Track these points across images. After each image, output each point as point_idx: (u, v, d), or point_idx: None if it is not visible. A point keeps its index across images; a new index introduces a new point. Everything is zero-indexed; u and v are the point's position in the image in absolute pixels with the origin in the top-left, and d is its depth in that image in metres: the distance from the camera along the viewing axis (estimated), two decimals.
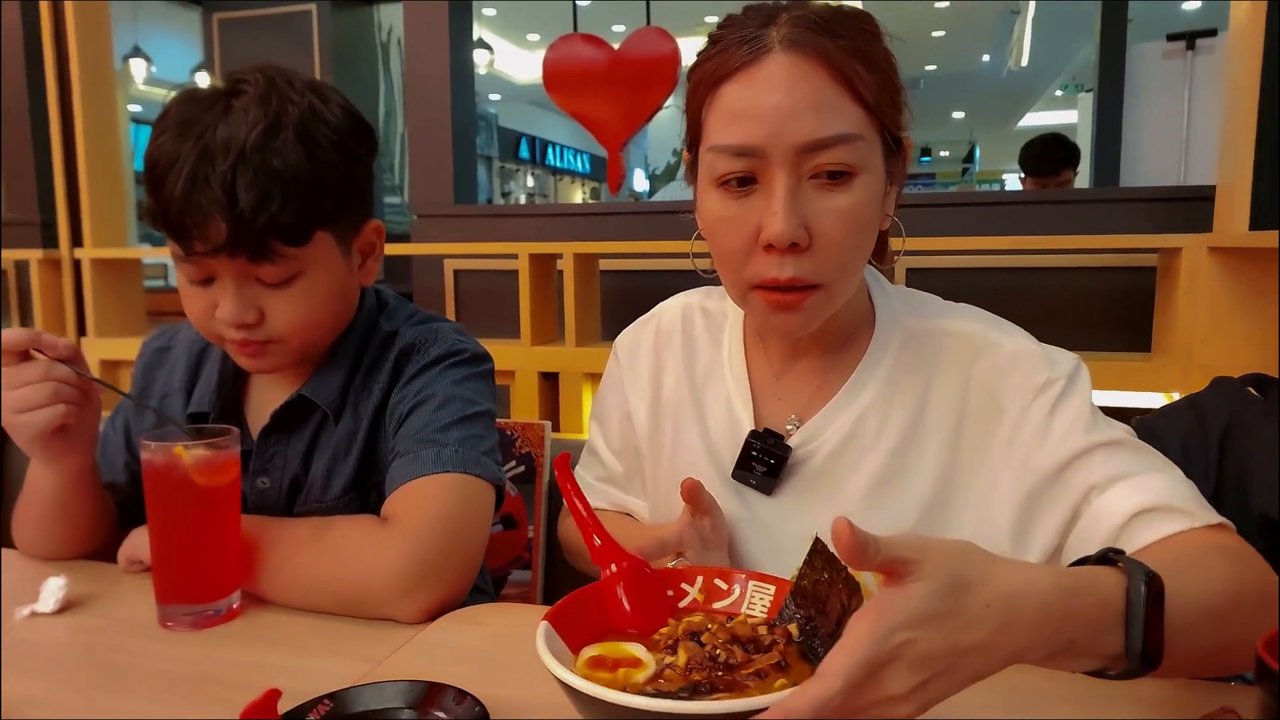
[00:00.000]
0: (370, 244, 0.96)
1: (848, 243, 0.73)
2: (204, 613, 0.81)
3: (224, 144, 0.80)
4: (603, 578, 0.65)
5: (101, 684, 0.71)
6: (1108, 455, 0.72)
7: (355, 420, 0.96)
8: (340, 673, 0.71)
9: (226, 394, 0.98)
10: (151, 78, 6.92)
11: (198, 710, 0.66)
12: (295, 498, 0.97)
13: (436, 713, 0.61)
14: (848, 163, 0.71)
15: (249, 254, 0.82)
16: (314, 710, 0.60)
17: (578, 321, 2.60)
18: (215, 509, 0.82)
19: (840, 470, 0.81)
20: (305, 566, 0.84)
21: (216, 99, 0.84)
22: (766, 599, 0.63)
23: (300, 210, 0.83)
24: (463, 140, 3.50)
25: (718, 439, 0.87)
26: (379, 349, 0.98)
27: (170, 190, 0.81)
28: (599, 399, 0.99)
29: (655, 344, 0.94)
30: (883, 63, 0.74)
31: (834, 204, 0.72)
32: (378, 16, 5.85)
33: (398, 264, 4.71)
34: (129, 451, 1.03)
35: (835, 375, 0.84)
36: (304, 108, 0.85)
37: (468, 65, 3.63)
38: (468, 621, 0.81)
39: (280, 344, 0.89)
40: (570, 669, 0.52)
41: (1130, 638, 0.49)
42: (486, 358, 1.00)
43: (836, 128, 0.70)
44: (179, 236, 0.83)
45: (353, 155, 0.89)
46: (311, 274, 0.87)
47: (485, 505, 0.89)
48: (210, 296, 0.86)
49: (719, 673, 0.53)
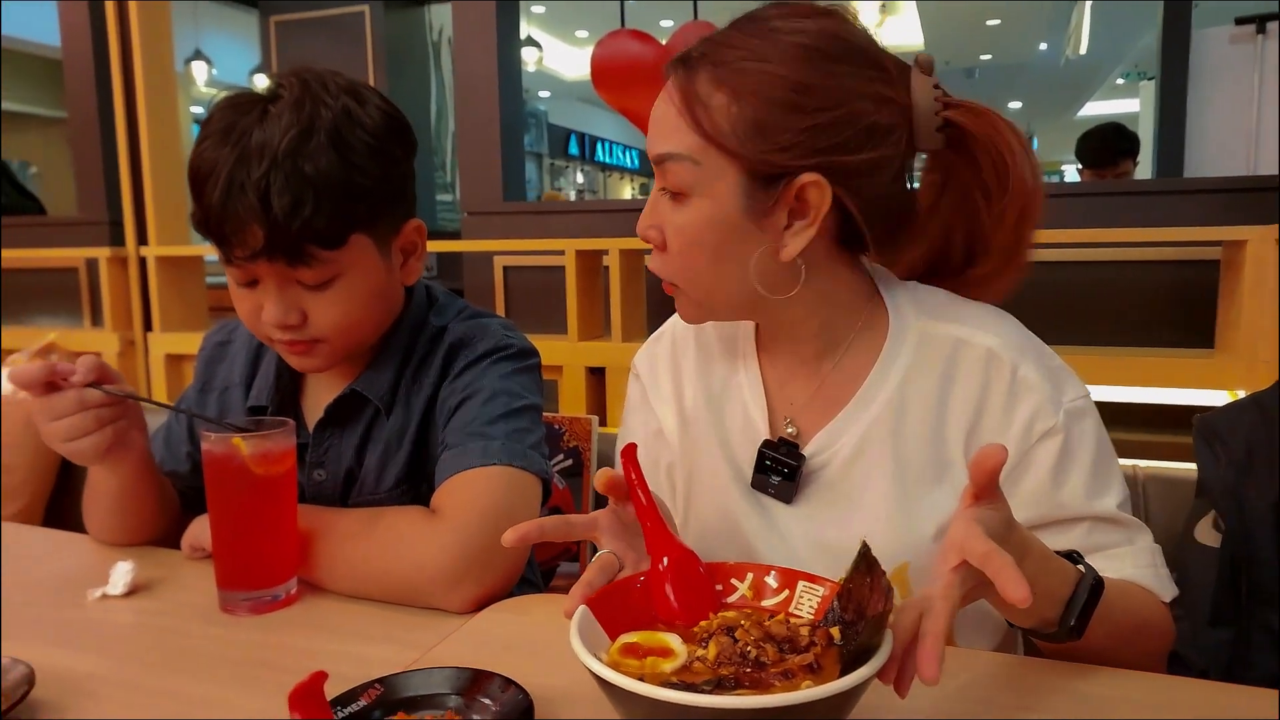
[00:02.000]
0: (412, 243, 0.97)
1: (685, 255, 0.77)
2: (262, 598, 0.84)
3: (258, 150, 0.82)
4: (651, 568, 0.65)
5: (164, 664, 0.74)
6: (1090, 530, 0.76)
7: (407, 414, 0.98)
8: (390, 658, 0.73)
9: (284, 388, 1.01)
10: (212, 80, 7.11)
11: (253, 692, 0.69)
12: (350, 490, 0.99)
13: (483, 699, 0.63)
14: (678, 182, 0.75)
15: (286, 258, 0.84)
16: (365, 694, 0.62)
17: (624, 316, 2.62)
18: (272, 498, 0.84)
19: (858, 477, 0.80)
20: (356, 556, 0.86)
21: (254, 105, 0.85)
22: (815, 600, 0.62)
23: (333, 214, 0.84)
24: (511, 138, 3.53)
25: (737, 448, 0.86)
26: (429, 344, 1.00)
27: (210, 197, 0.83)
28: (624, 429, 0.98)
29: (672, 356, 0.93)
30: (758, 96, 0.72)
31: (672, 217, 0.77)
32: (429, 16, 5.93)
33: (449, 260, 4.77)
34: (191, 442, 1.06)
35: (845, 379, 0.83)
36: (338, 111, 0.86)
37: (516, 63, 3.66)
38: (515, 611, 0.83)
39: (325, 344, 0.91)
40: (603, 653, 0.53)
41: (1067, 613, 0.63)
42: (533, 352, 1.02)
43: (666, 147, 0.75)
44: (220, 242, 0.85)
45: (388, 157, 0.89)
46: (350, 275, 0.88)
47: (532, 497, 0.90)
48: (256, 298, 0.88)
49: (747, 669, 0.53)
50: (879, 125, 0.73)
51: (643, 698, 0.48)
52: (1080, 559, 0.66)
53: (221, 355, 1.08)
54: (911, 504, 0.78)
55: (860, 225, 0.76)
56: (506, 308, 3.28)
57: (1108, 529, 0.76)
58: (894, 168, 0.76)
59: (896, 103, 0.75)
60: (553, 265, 2.95)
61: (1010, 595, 0.50)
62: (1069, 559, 0.66)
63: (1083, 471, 0.75)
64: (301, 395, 1.03)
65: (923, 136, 0.77)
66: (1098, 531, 0.76)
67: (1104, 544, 0.76)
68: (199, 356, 1.11)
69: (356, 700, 0.61)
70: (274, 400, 1.00)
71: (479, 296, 3.31)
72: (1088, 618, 0.64)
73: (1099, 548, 0.75)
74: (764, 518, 0.83)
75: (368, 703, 0.62)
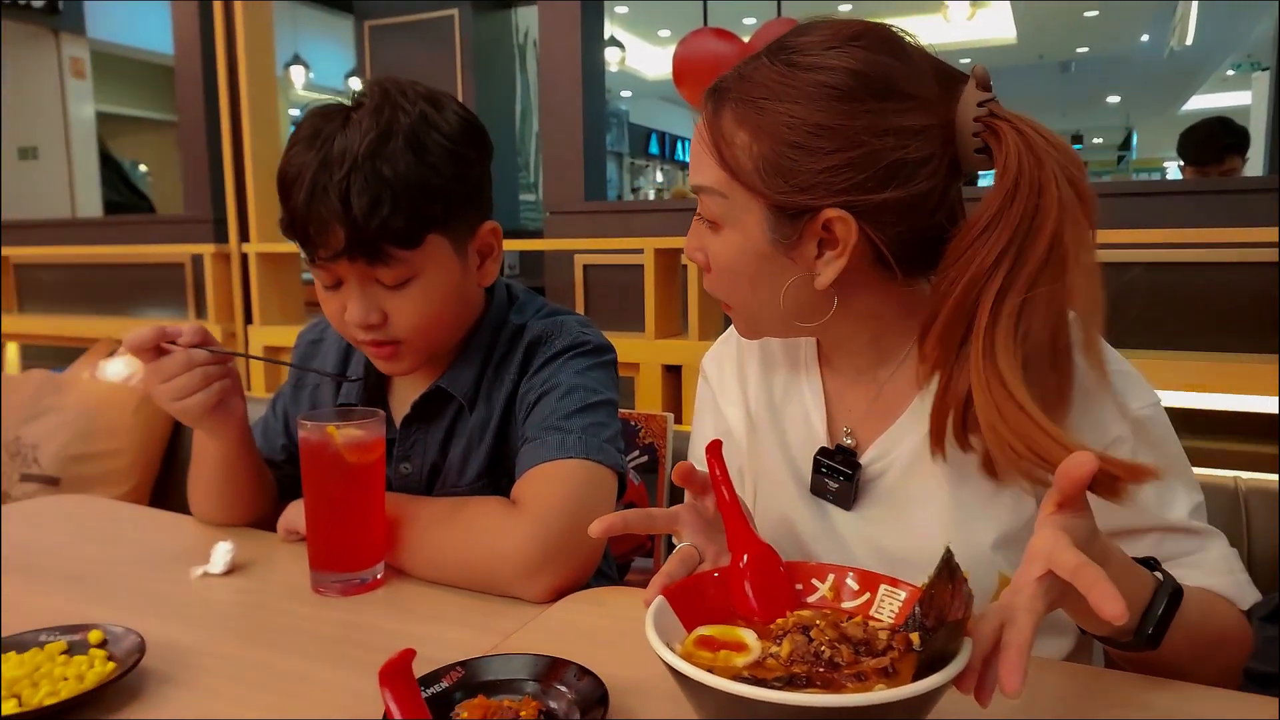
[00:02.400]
0: (488, 245, 0.99)
1: (723, 281, 0.79)
2: (351, 581, 0.87)
3: (340, 154, 0.85)
4: (731, 563, 0.66)
5: (259, 639, 0.78)
6: (1160, 540, 0.73)
7: (488, 409, 1.00)
8: (471, 643, 0.75)
9: (371, 386, 1.05)
10: (309, 83, 7.40)
11: (341, 668, 0.72)
12: (434, 482, 1.02)
13: (559, 687, 0.64)
14: (711, 212, 0.76)
15: (366, 258, 0.87)
16: (447, 676, 0.64)
17: (701, 315, 2.62)
18: (362, 485, 0.88)
19: (915, 485, 0.79)
20: (440, 543, 0.89)
21: (338, 113, 0.89)
22: (896, 604, 0.62)
23: (410, 214, 0.86)
24: (593, 138, 3.57)
25: (797, 452, 0.86)
26: (509, 341, 1.02)
27: (295, 200, 0.87)
28: (696, 430, 0.99)
29: (739, 357, 0.94)
30: (778, 136, 0.71)
31: (710, 243, 0.78)
32: (515, 19, 6.03)
33: (531, 259, 4.84)
34: (287, 435, 1.12)
35: (904, 389, 0.81)
36: (415, 116, 0.89)
37: (599, 64, 3.69)
38: (591, 602, 0.84)
39: (406, 345, 0.94)
40: (677, 645, 0.54)
41: (1145, 621, 0.62)
42: (609, 349, 1.03)
43: (698, 179, 0.77)
44: (305, 243, 0.89)
45: (464, 159, 0.92)
46: (427, 276, 0.91)
47: (607, 490, 0.92)
48: (340, 299, 0.92)
49: (820, 669, 0.53)
50: (905, 161, 0.69)
51: (711, 689, 0.49)
52: (1157, 565, 0.65)
53: (314, 353, 1.13)
54: (969, 513, 0.77)
55: (888, 258, 0.73)
56: (586, 306, 3.31)
57: (1178, 538, 0.74)
58: (932, 198, 0.71)
59: (933, 130, 0.70)
60: (632, 264, 2.97)
61: (1106, 612, 0.48)
62: (1145, 565, 0.65)
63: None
64: (389, 392, 1.07)
65: (964, 159, 0.72)
66: (1168, 541, 0.74)
67: (1175, 553, 0.73)
68: (293, 354, 1.16)
69: (439, 681, 0.64)
70: (362, 398, 1.04)
71: (560, 295, 3.36)
72: (1165, 626, 0.62)
73: (1170, 556, 0.72)
74: (823, 522, 0.83)
75: (449, 684, 0.64)
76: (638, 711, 0.63)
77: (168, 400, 0.93)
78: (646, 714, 0.63)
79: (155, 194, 8.22)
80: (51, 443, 1.76)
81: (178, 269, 4.04)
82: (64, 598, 0.86)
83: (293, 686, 0.69)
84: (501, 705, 0.60)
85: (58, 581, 0.91)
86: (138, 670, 0.68)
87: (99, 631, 0.72)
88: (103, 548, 1.02)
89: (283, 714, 0.65)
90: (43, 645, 0.70)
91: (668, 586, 0.62)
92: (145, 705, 0.66)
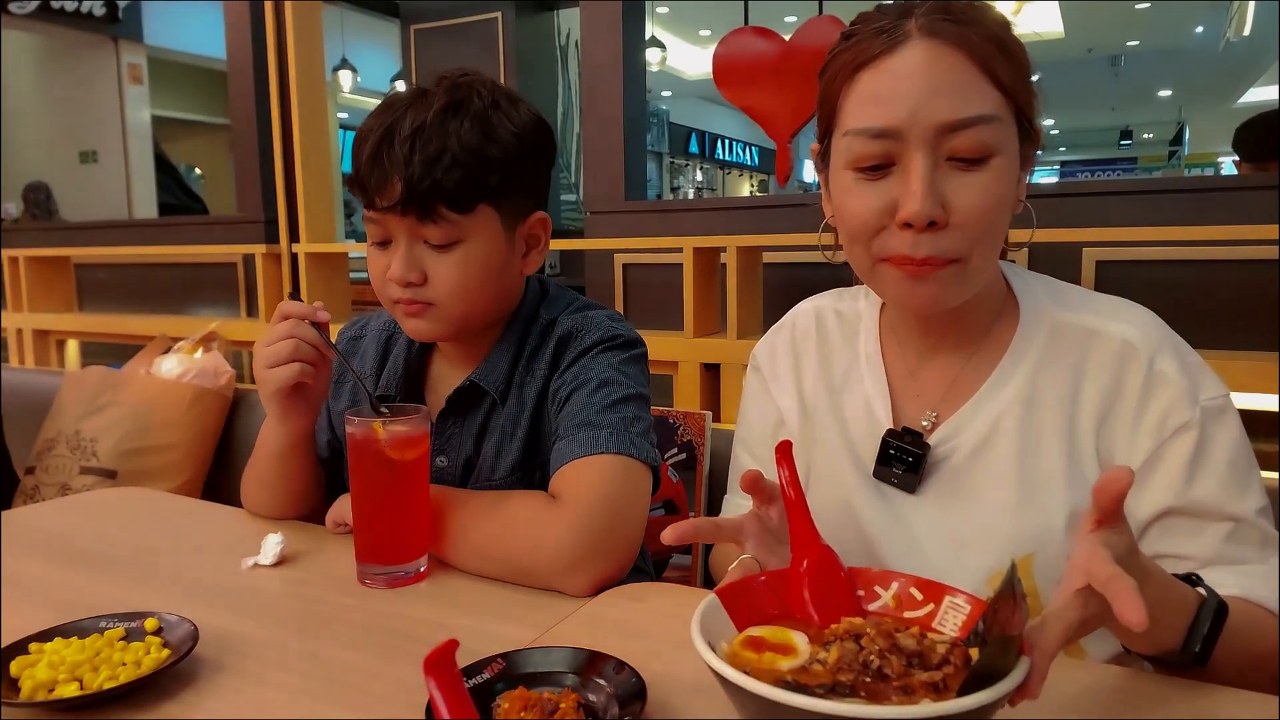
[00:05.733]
0: (535, 235, 1.02)
1: (984, 219, 0.73)
2: (396, 573, 0.89)
3: (411, 121, 0.91)
4: (792, 565, 0.66)
5: (307, 629, 0.80)
6: (1229, 535, 0.72)
7: (520, 404, 1.02)
8: (512, 635, 0.76)
9: (410, 379, 1.08)
10: (357, 86, 7.52)
11: (387, 658, 0.73)
12: (468, 476, 1.04)
13: (597, 680, 0.65)
14: (986, 143, 0.71)
15: (418, 212, 0.91)
16: (488, 668, 0.65)
17: (740, 313, 2.61)
18: (407, 480, 0.89)
19: (983, 469, 0.79)
20: (483, 536, 0.91)
21: (415, 91, 0.95)
22: (961, 617, 0.60)
23: (465, 178, 0.91)
24: (633, 138, 3.57)
25: (858, 439, 0.86)
26: (540, 336, 1.04)
27: (362, 154, 0.93)
28: (742, 420, 0.99)
29: (792, 347, 0.94)
30: (1018, 51, 0.74)
31: (973, 182, 0.72)
32: (557, 21, 6.07)
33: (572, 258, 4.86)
34: (331, 431, 1.14)
35: (975, 370, 0.82)
36: (487, 101, 0.94)
37: (640, 64, 3.69)
38: (630, 598, 0.85)
39: (439, 309, 0.96)
40: (725, 644, 0.54)
41: (1190, 639, 0.62)
42: (639, 342, 1.04)
43: (976, 109, 0.71)
44: (365, 192, 0.93)
45: (526, 144, 0.96)
46: (472, 243, 0.94)
47: (643, 484, 0.92)
48: (386, 259, 0.96)
49: (867, 678, 0.52)
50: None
51: (739, 688, 0.48)
52: (1199, 581, 0.65)
53: (354, 349, 1.16)
54: (1040, 495, 0.76)
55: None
56: (625, 304, 3.32)
57: (1244, 536, 0.72)
58: None
59: None
60: (671, 263, 2.97)
61: (1125, 616, 0.48)
62: (1188, 581, 0.64)
63: (1218, 470, 0.72)
64: (425, 388, 1.09)
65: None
66: (1234, 539, 0.72)
67: (1237, 557, 0.72)
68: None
69: (481, 673, 0.65)
70: (400, 390, 1.07)
71: (600, 293, 3.37)
72: (1212, 644, 0.62)
73: (1231, 560, 0.71)
74: (886, 507, 0.83)
75: (491, 675, 0.65)
76: (676, 707, 0.63)
77: (260, 366, 0.97)
78: (684, 710, 0.63)
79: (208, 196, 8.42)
80: (109, 437, 1.82)
81: (230, 269, 4.13)
82: (121, 586, 0.89)
83: (339, 675, 0.71)
84: (541, 697, 0.60)
85: (115, 570, 0.94)
86: (191, 657, 0.70)
87: (155, 619, 0.74)
88: (158, 539, 1.05)
89: (330, 701, 0.67)
90: (102, 631, 0.73)
91: (722, 586, 0.62)
92: (198, 691, 0.68)
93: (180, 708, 0.66)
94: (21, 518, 1.13)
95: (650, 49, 5.92)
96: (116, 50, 7.04)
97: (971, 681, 0.49)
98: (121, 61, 7.06)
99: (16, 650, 0.70)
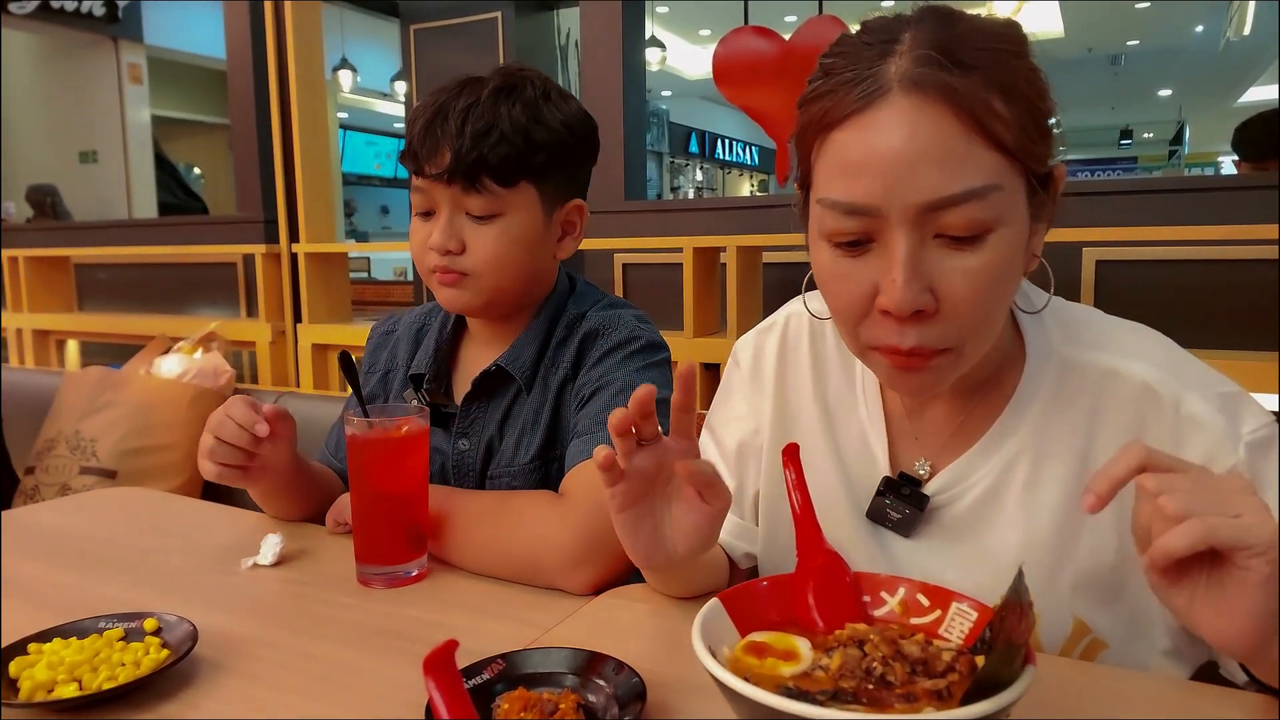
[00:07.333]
0: (572, 221, 1.06)
1: (980, 305, 0.64)
2: (395, 574, 0.89)
3: (465, 100, 0.97)
4: (797, 570, 0.65)
5: (307, 629, 0.80)
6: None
7: (544, 393, 1.03)
8: (512, 636, 0.76)
9: (441, 360, 1.09)
10: (357, 86, 7.52)
11: (386, 658, 0.73)
12: (489, 460, 1.05)
13: (597, 680, 0.65)
14: (980, 219, 0.61)
15: (463, 182, 0.95)
16: (488, 668, 0.65)
17: (739, 313, 2.62)
18: (406, 481, 0.90)
19: (986, 520, 0.74)
20: (486, 533, 0.91)
21: (472, 78, 1.00)
22: (968, 624, 0.59)
23: (510, 154, 0.95)
24: (633, 138, 3.57)
25: (852, 472, 0.81)
26: (567, 329, 1.05)
27: (416, 126, 0.98)
28: (716, 405, 0.93)
29: (780, 352, 0.87)
30: (1025, 90, 0.62)
31: (965, 264, 0.62)
32: (557, 20, 6.07)
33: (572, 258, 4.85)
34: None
35: (980, 415, 0.75)
36: (539, 91, 0.99)
37: (640, 64, 3.70)
38: (632, 598, 0.85)
39: (474, 279, 0.99)
40: (726, 648, 0.53)
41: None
42: (663, 346, 1.05)
43: (965, 182, 0.60)
44: (416, 160, 0.98)
45: (574, 133, 1.01)
46: (511, 217, 0.98)
47: None
48: (428, 229, 0.99)
49: (869, 685, 0.51)
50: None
51: (734, 692, 0.48)
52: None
53: (386, 343, 1.18)
54: (1047, 551, 0.71)
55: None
56: None
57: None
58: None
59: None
60: (671, 262, 2.97)
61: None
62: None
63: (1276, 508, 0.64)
64: (454, 370, 1.11)
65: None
66: None
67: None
68: (367, 344, 1.21)
69: (481, 673, 0.65)
70: (431, 369, 1.08)
71: None
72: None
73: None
74: (879, 548, 0.79)
75: (490, 676, 0.65)
76: (675, 708, 0.63)
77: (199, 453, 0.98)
78: (684, 711, 0.63)
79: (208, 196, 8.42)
80: (109, 437, 1.82)
81: (230, 268, 4.13)
82: (120, 586, 0.89)
83: (338, 675, 0.71)
84: (541, 698, 0.60)
85: (115, 570, 0.94)
86: (190, 658, 0.70)
87: (154, 620, 0.74)
88: (157, 539, 1.05)
89: (329, 701, 0.67)
90: (101, 632, 0.73)
91: (725, 590, 0.61)
92: (197, 691, 0.68)
93: (180, 708, 0.66)
94: (21, 518, 1.13)
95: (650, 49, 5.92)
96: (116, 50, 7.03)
97: (975, 690, 0.48)
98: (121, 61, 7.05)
99: (16, 651, 0.70)
